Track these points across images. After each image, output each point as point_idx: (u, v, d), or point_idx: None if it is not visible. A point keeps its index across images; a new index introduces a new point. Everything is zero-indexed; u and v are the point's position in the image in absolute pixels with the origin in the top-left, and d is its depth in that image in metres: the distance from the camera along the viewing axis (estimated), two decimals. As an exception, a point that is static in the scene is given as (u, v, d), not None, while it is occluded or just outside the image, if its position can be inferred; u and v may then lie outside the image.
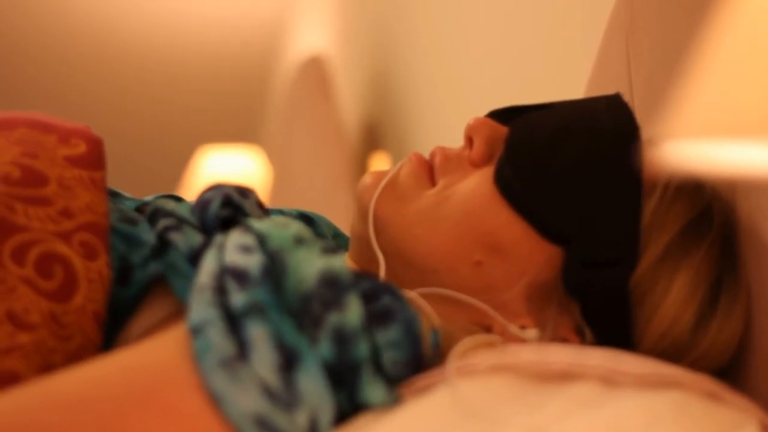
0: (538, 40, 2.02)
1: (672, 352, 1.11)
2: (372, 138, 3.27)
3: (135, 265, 1.08)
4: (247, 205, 1.16)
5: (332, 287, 0.98)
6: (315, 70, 3.24)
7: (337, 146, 3.04)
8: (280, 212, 1.27)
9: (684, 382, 1.00)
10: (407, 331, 0.99)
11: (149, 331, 1.06)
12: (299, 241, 1.02)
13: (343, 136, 3.08)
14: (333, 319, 0.97)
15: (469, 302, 1.12)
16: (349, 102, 3.52)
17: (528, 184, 1.12)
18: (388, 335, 0.99)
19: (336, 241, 1.29)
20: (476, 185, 1.14)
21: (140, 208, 1.19)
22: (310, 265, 1.00)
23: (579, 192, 1.11)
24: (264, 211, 1.20)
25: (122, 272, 1.07)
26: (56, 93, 4.39)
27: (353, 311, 0.97)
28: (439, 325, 1.07)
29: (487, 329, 1.13)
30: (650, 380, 0.99)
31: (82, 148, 1.11)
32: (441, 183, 1.16)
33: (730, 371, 1.15)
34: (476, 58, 2.38)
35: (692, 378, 1.01)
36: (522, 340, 1.12)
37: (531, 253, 1.12)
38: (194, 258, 1.07)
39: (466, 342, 1.04)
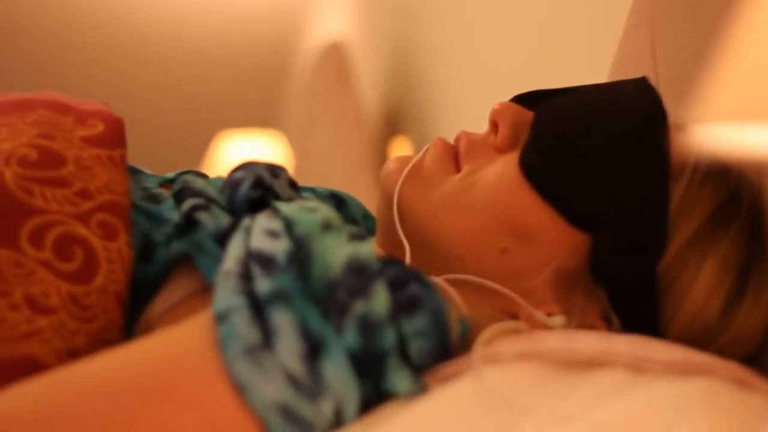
0: (562, 24, 2.00)
1: (700, 339, 1.09)
2: (393, 123, 3.26)
3: (158, 242, 1.07)
4: (278, 185, 1.14)
5: (359, 275, 0.97)
6: (335, 55, 3.22)
7: (357, 131, 3.03)
8: (312, 191, 1.26)
9: (713, 369, 0.99)
10: (434, 320, 0.98)
11: (172, 309, 1.05)
12: (327, 226, 1.00)
13: (363, 122, 3.07)
14: (359, 307, 0.96)
15: (495, 289, 1.10)
16: (370, 87, 3.50)
17: (554, 169, 1.11)
18: (415, 324, 0.98)
19: (366, 223, 1.28)
20: (502, 171, 1.13)
21: (164, 184, 1.18)
22: (337, 251, 0.98)
23: (606, 177, 1.10)
24: (296, 191, 1.19)
25: (145, 250, 1.07)
26: (74, 81, 4.38)
27: (380, 300, 0.96)
28: (467, 314, 1.05)
29: (513, 316, 1.12)
30: (679, 368, 0.98)
31: (99, 128, 1.11)
32: (466, 169, 1.15)
33: (757, 357, 1.14)
34: (498, 41, 2.36)
35: (722, 365, 1.00)
36: (548, 327, 1.10)
37: (557, 240, 1.11)
38: (221, 239, 1.06)
39: (492, 329, 1.03)
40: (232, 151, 4.09)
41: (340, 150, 3.07)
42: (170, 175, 1.20)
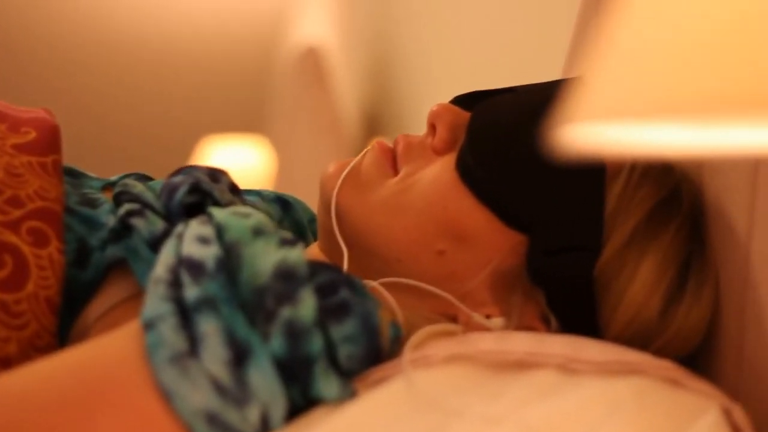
0: (540, 29, 2.00)
1: (640, 338, 1.09)
2: (372, 126, 3.26)
3: (93, 247, 1.08)
4: (218, 190, 1.14)
5: (287, 281, 0.97)
6: (312, 60, 3.23)
7: (335, 135, 3.04)
8: (258, 194, 1.26)
9: (645, 368, 0.99)
10: (364, 326, 0.98)
11: (107, 314, 1.05)
12: (257, 232, 1.00)
13: (340, 125, 3.08)
14: (286, 313, 0.96)
15: (432, 292, 1.10)
16: (349, 91, 3.50)
17: (489, 171, 1.11)
18: (343, 330, 0.98)
19: (312, 227, 1.28)
20: (438, 173, 1.13)
21: (107, 188, 1.18)
22: (266, 257, 0.98)
23: (540, 178, 1.10)
24: (237, 195, 1.19)
25: (80, 255, 1.07)
26: (57, 86, 4.38)
27: (307, 306, 0.96)
28: (401, 317, 1.05)
29: (453, 319, 1.12)
30: (610, 368, 0.98)
31: (32, 135, 1.11)
32: (403, 171, 1.15)
33: (699, 355, 1.14)
34: (475, 45, 2.36)
35: (654, 364, 1.00)
36: (487, 329, 1.10)
37: (494, 241, 1.11)
38: (155, 244, 1.06)
39: (423, 332, 1.03)
40: (217, 156, 4.09)
41: (319, 154, 3.07)
42: (113, 178, 1.20)
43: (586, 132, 0.57)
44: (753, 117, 0.53)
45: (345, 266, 1.11)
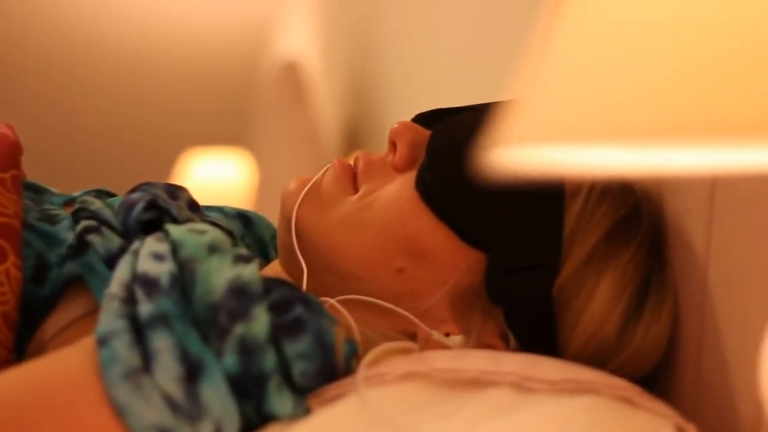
0: (514, 43, 2.00)
1: (599, 356, 1.10)
2: (353, 140, 3.27)
3: (52, 263, 1.08)
4: (175, 207, 1.15)
5: (240, 298, 0.97)
6: (293, 74, 3.23)
7: (314, 149, 3.04)
8: (220, 211, 1.26)
9: (599, 387, 0.99)
10: (318, 343, 0.98)
11: (64, 330, 1.06)
12: (212, 249, 1.01)
13: (319, 140, 3.08)
14: (239, 330, 0.96)
15: (391, 309, 1.11)
16: (330, 105, 3.51)
17: (448, 189, 1.11)
18: (297, 347, 0.98)
19: (274, 243, 1.28)
20: (398, 191, 1.13)
21: (69, 204, 1.18)
22: (220, 274, 0.99)
23: (498, 197, 1.10)
24: (197, 212, 1.19)
25: (38, 271, 1.07)
26: (41, 96, 4.38)
27: (260, 323, 0.96)
28: (358, 335, 1.06)
29: (413, 336, 1.12)
30: (564, 386, 0.99)
31: None
32: (363, 189, 1.15)
33: (659, 374, 1.14)
34: (455, 61, 2.37)
35: (608, 383, 1.00)
36: (446, 347, 1.11)
37: (453, 259, 1.11)
38: (111, 261, 1.06)
39: (378, 350, 1.03)
40: (198, 169, 4.09)
41: (301, 167, 3.08)
42: (76, 194, 1.20)
43: (515, 154, 0.57)
44: (680, 138, 0.53)
45: (304, 283, 1.11)
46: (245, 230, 1.25)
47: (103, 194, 1.20)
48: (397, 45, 2.87)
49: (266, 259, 1.25)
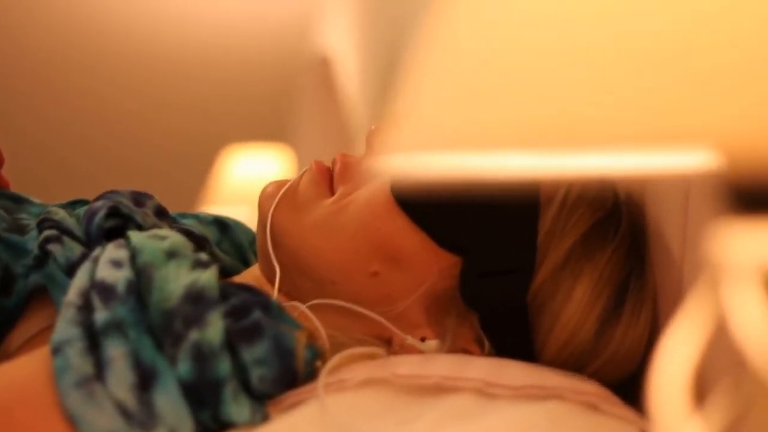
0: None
1: (576, 360, 1.08)
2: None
3: (18, 274, 1.08)
4: (140, 214, 1.15)
5: (196, 304, 0.97)
6: (330, 71, 3.24)
7: (352, 145, 3.05)
8: (195, 217, 1.26)
9: (564, 393, 0.98)
10: (276, 348, 0.98)
11: (29, 341, 1.06)
12: (171, 254, 1.01)
13: (349, 136, 3.08)
14: (193, 336, 0.96)
15: (365, 314, 1.10)
16: (365, 100, 3.51)
17: (423, 192, 1.10)
18: (255, 352, 0.97)
19: (253, 248, 1.28)
20: (373, 194, 1.12)
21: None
22: (177, 280, 0.99)
23: (473, 201, 1.09)
24: (165, 218, 1.19)
25: (5, 282, 1.08)
26: (81, 99, 4.42)
27: (214, 328, 0.96)
28: (325, 339, 1.05)
29: (388, 341, 1.11)
30: (528, 392, 0.97)
31: None
32: (339, 191, 1.14)
33: (639, 378, 1.12)
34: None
35: (574, 389, 0.99)
36: (421, 352, 1.10)
37: (428, 263, 1.10)
38: (72, 270, 1.06)
39: (341, 356, 1.03)
40: (239, 166, 4.10)
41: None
42: (51, 205, 1.20)
43: (404, 159, 0.57)
44: (581, 142, 0.52)
45: (276, 286, 1.11)
46: (222, 236, 1.25)
47: (77, 204, 1.19)
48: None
49: (245, 264, 1.24)
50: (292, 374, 0.99)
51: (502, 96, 0.55)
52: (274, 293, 1.09)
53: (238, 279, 1.15)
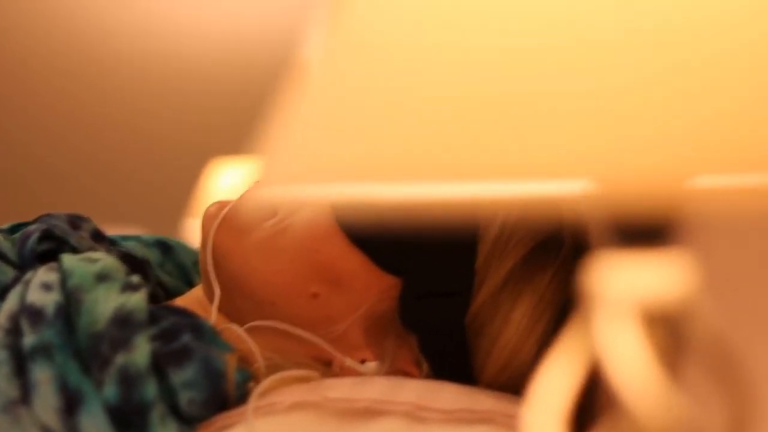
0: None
1: (516, 382, 1.08)
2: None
3: None
4: (75, 237, 1.14)
5: (123, 327, 0.97)
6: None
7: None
8: (137, 239, 1.25)
9: (494, 417, 0.98)
10: (205, 371, 0.98)
11: None
12: (101, 277, 1.01)
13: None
14: (120, 360, 0.96)
15: (304, 336, 1.10)
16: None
17: (362, 214, 1.10)
18: (183, 375, 0.97)
19: (197, 269, 1.28)
20: (313, 215, 1.12)
21: None
22: (105, 303, 0.99)
23: (413, 224, 1.09)
24: (102, 241, 1.19)
25: None
26: (67, 110, 4.42)
27: (141, 352, 0.96)
28: (261, 362, 1.05)
29: (328, 363, 1.11)
30: (459, 416, 0.97)
31: None
32: (280, 213, 1.14)
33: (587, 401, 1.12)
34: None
35: (506, 413, 0.99)
36: (360, 374, 1.10)
37: (368, 285, 1.10)
38: (4, 294, 1.06)
39: (272, 379, 1.03)
40: (226, 179, 4.09)
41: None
42: (4, 226, 1.20)
43: (277, 190, 0.57)
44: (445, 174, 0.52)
45: (214, 307, 1.10)
46: (165, 258, 1.25)
47: (22, 226, 1.19)
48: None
49: (190, 286, 1.24)
50: (222, 397, 0.99)
51: (379, 130, 0.55)
52: (213, 314, 1.09)
53: (181, 300, 1.15)
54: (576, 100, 0.52)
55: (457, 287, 1.08)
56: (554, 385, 0.57)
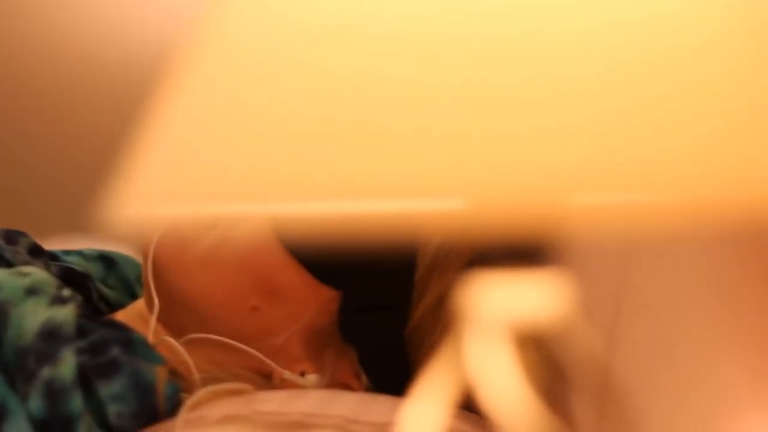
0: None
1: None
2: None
3: None
4: (11, 251, 1.14)
5: (49, 341, 0.97)
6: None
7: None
8: (80, 254, 1.25)
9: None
10: (134, 384, 0.98)
11: None
12: (31, 291, 1.01)
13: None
14: (45, 373, 0.96)
15: (242, 349, 1.09)
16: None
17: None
18: (111, 388, 0.97)
19: (140, 282, 1.27)
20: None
21: None
22: (33, 317, 0.98)
23: (353, 238, 1.09)
24: (40, 256, 1.18)
25: None
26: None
27: (66, 365, 0.96)
28: (195, 375, 1.05)
29: (267, 375, 1.11)
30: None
31: None
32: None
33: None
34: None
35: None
36: (300, 386, 1.09)
37: (308, 298, 1.10)
38: None
39: (203, 392, 1.02)
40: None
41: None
42: None
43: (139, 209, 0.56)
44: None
45: (153, 319, 1.10)
46: (107, 271, 1.24)
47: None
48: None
49: (133, 298, 1.24)
50: (152, 410, 0.99)
51: (243, 152, 0.55)
52: (151, 327, 1.09)
53: (123, 313, 1.15)
54: (450, 122, 0.52)
55: (397, 300, 1.08)
56: (423, 411, 0.57)
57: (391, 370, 1.09)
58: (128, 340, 1.00)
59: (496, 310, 0.55)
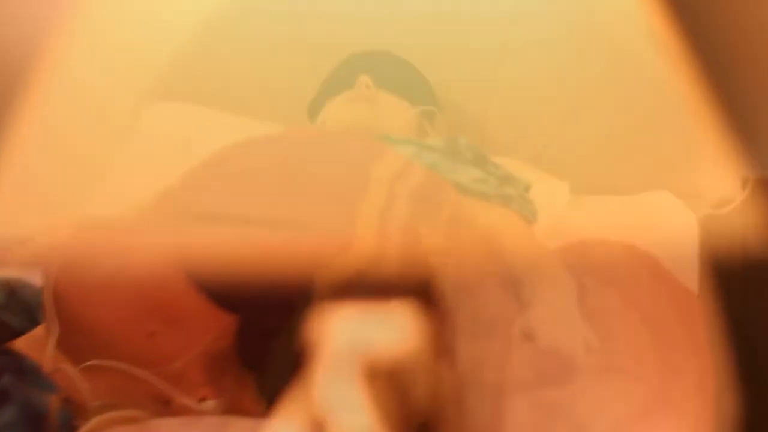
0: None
1: None
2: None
3: None
4: None
5: None
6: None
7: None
8: None
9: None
10: (24, 413, 0.97)
11: None
12: None
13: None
14: None
15: (140, 375, 1.09)
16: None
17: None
18: (2, 418, 0.97)
19: (42, 309, 1.27)
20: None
21: None
22: None
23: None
24: None
25: None
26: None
27: None
28: (89, 402, 1.04)
29: (167, 402, 1.11)
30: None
31: None
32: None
33: None
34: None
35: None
36: (200, 412, 1.09)
37: (206, 323, 1.10)
38: None
39: (97, 420, 1.02)
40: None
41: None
42: None
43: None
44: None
45: (50, 346, 1.10)
46: (9, 298, 1.24)
47: None
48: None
49: (35, 324, 1.23)
50: None
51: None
52: (48, 353, 1.09)
53: (23, 339, 1.15)
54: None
55: (293, 325, 1.08)
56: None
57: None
58: (20, 368, 0.99)
59: (348, 343, 0.56)
